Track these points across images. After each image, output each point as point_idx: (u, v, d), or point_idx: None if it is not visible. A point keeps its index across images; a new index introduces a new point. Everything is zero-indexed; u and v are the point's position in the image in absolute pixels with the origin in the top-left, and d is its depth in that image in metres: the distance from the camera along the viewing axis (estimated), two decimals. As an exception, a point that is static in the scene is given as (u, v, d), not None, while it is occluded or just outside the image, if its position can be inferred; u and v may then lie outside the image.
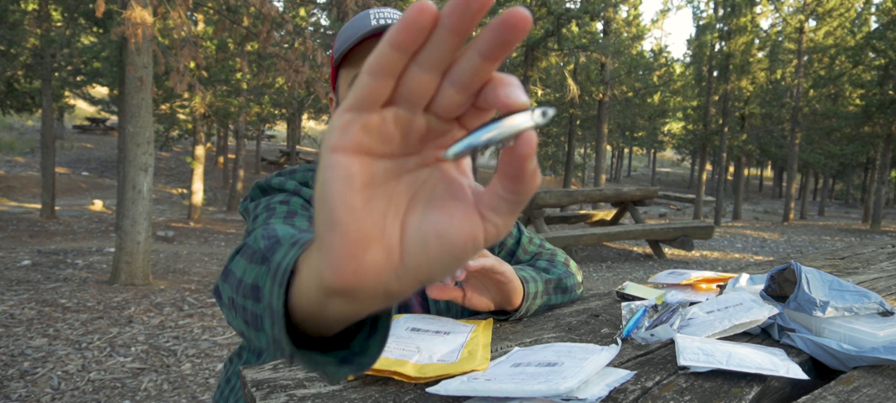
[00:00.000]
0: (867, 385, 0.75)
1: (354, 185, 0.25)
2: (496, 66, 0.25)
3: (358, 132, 0.25)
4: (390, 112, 0.26)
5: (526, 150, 0.25)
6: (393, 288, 0.28)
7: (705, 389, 0.72)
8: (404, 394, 0.71)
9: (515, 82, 0.25)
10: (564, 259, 1.14)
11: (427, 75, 0.25)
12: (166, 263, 6.38)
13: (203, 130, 12.80)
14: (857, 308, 0.92)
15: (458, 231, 0.27)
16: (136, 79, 4.85)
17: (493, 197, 0.27)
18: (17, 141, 21.73)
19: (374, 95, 0.25)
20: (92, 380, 3.00)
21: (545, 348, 0.82)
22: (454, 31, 0.23)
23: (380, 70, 0.24)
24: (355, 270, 0.26)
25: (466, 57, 0.24)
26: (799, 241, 10.96)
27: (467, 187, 0.29)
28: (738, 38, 15.50)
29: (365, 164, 0.26)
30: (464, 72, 0.25)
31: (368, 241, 0.26)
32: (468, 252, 0.27)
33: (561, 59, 14.17)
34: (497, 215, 0.27)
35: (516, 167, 0.25)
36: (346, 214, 0.25)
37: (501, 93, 0.25)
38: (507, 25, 0.23)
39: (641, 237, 7.53)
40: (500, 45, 0.23)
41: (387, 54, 0.24)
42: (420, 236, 0.27)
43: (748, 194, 29.36)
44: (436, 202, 0.28)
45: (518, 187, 0.26)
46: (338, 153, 0.25)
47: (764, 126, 18.74)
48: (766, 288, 1.04)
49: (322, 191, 0.26)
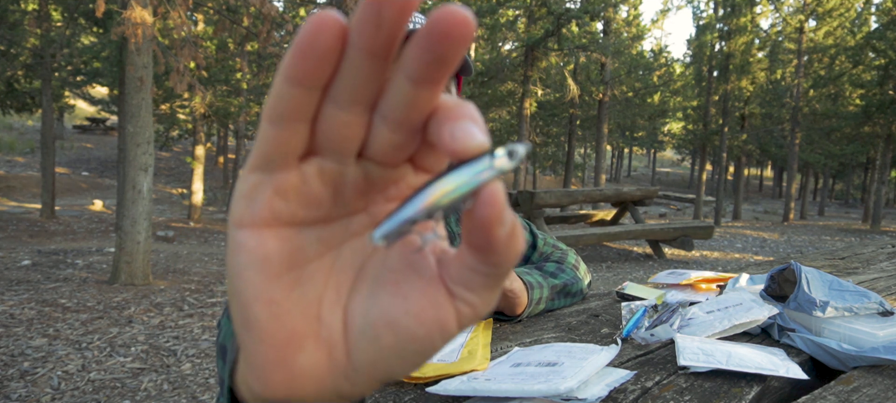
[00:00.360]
0: (867, 385, 0.75)
1: (271, 270, 0.20)
2: (436, 92, 0.18)
3: (270, 199, 0.19)
4: (312, 165, 0.20)
5: (488, 213, 0.18)
6: (344, 390, 0.22)
7: (705, 389, 0.72)
8: (404, 394, 0.71)
9: (468, 113, 0.18)
10: (574, 261, 1.13)
11: (347, 114, 0.19)
12: (166, 263, 6.38)
13: (203, 130, 12.81)
14: (857, 308, 0.92)
15: (416, 318, 0.20)
16: (136, 79, 4.86)
17: (463, 270, 0.20)
18: (17, 141, 21.73)
19: (282, 148, 0.19)
20: (92, 380, 3.00)
21: (545, 348, 0.82)
22: (368, 51, 0.17)
23: (282, 115, 0.18)
24: (286, 379, 0.20)
25: (394, 84, 0.18)
26: (799, 241, 10.96)
27: (431, 254, 0.22)
28: (738, 37, 15.50)
29: (284, 240, 0.20)
30: (394, 105, 0.18)
31: (299, 340, 0.20)
32: (434, 342, 0.21)
33: (561, 58, 14.17)
34: (470, 292, 0.20)
35: (481, 237, 0.18)
36: (262, 310, 0.20)
37: (445, 134, 0.18)
38: (435, 35, 0.17)
39: (641, 237, 7.53)
40: (432, 63, 0.17)
41: (286, 93, 0.18)
42: (368, 326, 0.21)
43: (748, 194, 29.35)
44: (387, 279, 0.21)
45: (490, 259, 0.19)
46: (245, 229, 0.19)
47: (764, 126, 18.74)
48: (766, 288, 1.04)
49: (231, 283, 0.20)
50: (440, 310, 0.20)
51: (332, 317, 0.21)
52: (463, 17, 0.16)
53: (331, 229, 0.21)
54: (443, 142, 0.18)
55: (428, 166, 0.22)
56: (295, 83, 0.18)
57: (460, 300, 0.20)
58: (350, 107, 0.18)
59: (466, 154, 0.18)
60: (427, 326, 0.20)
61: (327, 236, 0.21)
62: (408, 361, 0.21)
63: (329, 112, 0.19)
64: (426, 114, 0.19)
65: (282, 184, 0.19)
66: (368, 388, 0.22)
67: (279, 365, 0.20)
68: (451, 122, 0.18)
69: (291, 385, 0.20)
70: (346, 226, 0.22)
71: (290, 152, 0.19)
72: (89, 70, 12.69)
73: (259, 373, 0.20)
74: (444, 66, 0.17)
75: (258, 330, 0.20)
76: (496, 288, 0.21)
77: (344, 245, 0.22)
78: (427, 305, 0.20)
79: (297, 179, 0.20)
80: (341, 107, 0.18)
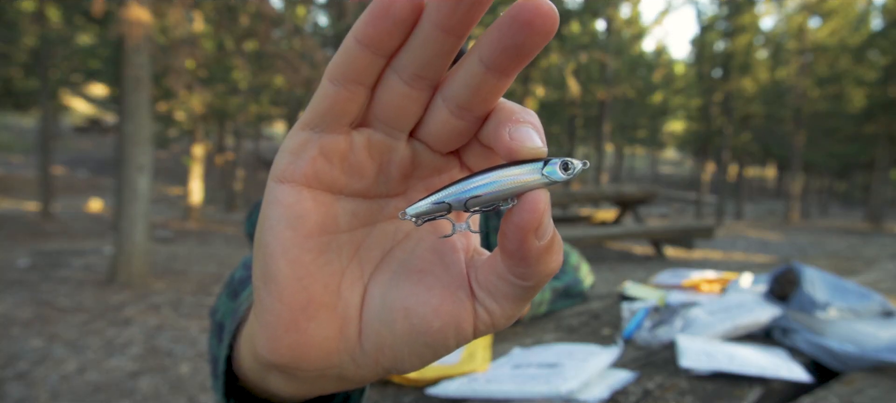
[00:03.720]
0: (869, 386, 0.74)
1: (302, 230, 0.19)
2: (506, 81, 0.18)
3: (314, 158, 0.19)
4: (362, 135, 0.20)
5: (527, 219, 0.17)
6: (348, 372, 0.21)
7: (707, 390, 0.71)
8: (404, 395, 0.70)
9: (530, 118, 0.18)
10: (577, 262, 1.13)
11: (408, 87, 0.18)
12: (164, 264, 6.37)
13: (201, 129, 12.81)
14: (860, 308, 0.91)
15: (434, 310, 0.20)
16: (134, 79, 4.85)
17: (492, 275, 0.20)
18: (14, 140, 21.74)
19: (337, 109, 0.19)
20: (89, 382, 2.99)
21: (546, 349, 0.81)
22: (443, 27, 0.17)
23: (346, 74, 0.18)
24: (294, 344, 0.20)
25: (465, 65, 0.18)
26: (801, 242, 10.95)
27: (462, 252, 0.22)
28: (741, 36, 15.52)
29: (321, 203, 0.20)
30: (461, 87, 0.18)
31: (315, 308, 0.20)
32: (448, 341, 0.20)
33: (562, 58, 14.17)
34: (493, 300, 0.20)
35: (515, 242, 0.18)
36: (286, 268, 0.19)
37: (504, 133, 0.18)
38: (519, 22, 0.16)
39: (643, 237, 7.53)
40: (510, 50, 0.17)
41: (354, 53, 0.18)
42: (384, 310, 0.20)
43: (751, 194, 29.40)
44: (413, 267, 0.21)
45: (520, 269, 0.18)
46: (285, 184, 0.19)
47: (766, 125, 18.75)
48: (769, 288, 1.03)
49: (260, 235, 0.20)
50: (459, 309, 0.20)
51: (351, 293, 0.21)
52: (549, 9, 0.16)
53: (367, 205, 0.21)
54: (500, 141, 0.18)
55: (475, 167, 0.22)
56: (365, 45, 0.17)
57: (481, 304, 0.20)
58: (413, 81, 0.18)
59: (521, 155, 0.17)
60: (443, 320, 0.20)
61: (363, 211, 0.21)
62: (416, 354, 0.21)
63: (391, 82, 0.19)
64: (490, 104, 0.19)
65: (329, 146, 0.19)
66: (372, 375, 0.22)
67: (290, 329, 0.20)
68: (511, 123, 0.18)
69: (297, 352, 0.20)
70: (382, 207, 0.22)
71: (344, 114, 0.19)
72: (87, 69, 12.69)
73: (269, 333, 0.20)
74: (520, 55, 0.17)
75: (277, 287, 0.19)
76: (520, 302, 0.20)
77: (376, 225, 0.22)
78: (447, 300, 0.20)
79: (344, 144, 0.19)
80: (404, 79, 0.18)
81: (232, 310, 0.37)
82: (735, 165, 21.07)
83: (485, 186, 0.18)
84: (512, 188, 0.18)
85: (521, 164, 0.18)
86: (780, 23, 17.59)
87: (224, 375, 0.29)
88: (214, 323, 0.45)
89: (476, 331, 0.20)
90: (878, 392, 0.73)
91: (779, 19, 17.60)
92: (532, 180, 0.17)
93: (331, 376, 0.21)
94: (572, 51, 13.47)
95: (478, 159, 0.21)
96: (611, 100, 15.89)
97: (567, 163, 0.18)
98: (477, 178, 0.18)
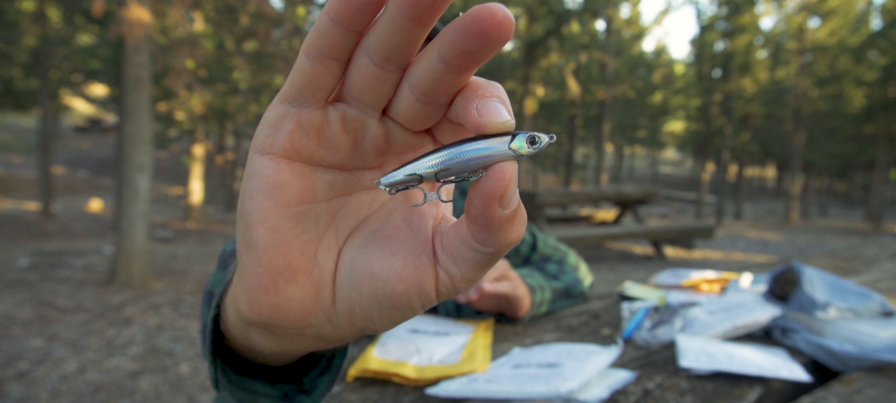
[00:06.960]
0: (869, 386, 0.75)
1: (280, 199, 0.20)
2: (464, 77, 0.19)
3: (292, 131, 0.20)
4: (337, 110, 0.21)
5: (492, 187, 0.18)
6: (325, 331, 0.23)
7: (707, 390, 0.72)
8: (404, 396, 0.70)
9: (496, 92, 0.19)
10: (575, 262, 1.13)
11: (378, 69, 0.19)
12: (164, 263, 6.37)
13: (201, 129, 12.80)
14: (860, 308, 0.91)
15: (397, 275, 0.21)
16: (134, 79, 4.85)
17: (456, 240, 0.21)
18: (14, 140, 21.73)
19: (314, 83, 0.19)
20: (90, 382, 2.99)
21: (546, 349, 0.81)
22: (406, 15, 0.17)
23: (320, 50, 0.19)
24: (272, 305, 0.21)
25: (426, 57, 0.19)
26: (801, 242, 10.95)
27: (431, 219, 0.23)
28: (741, 36, 15.51)
29: (299, 174, 0.21)
30: (423, 78, 0.19)
31: (292, 272, 0.21)
32: (412, 303, 0.21)
33: (562, 58, 14.17)
34: (455, 264, 0.21)
35: (480, 209, 0.19)
36: (265, 235, 0.20)
37: (472, 109, 0.18)
38: (473, 29, 0.17)
39: (643, 237, 7.53)
40: (464, 53, 0.17)
41: (327, 29, 0.18)
42: (353, 274, 0.22)
43: (750, 194, 29.38)
44: (382, 233, 0.22)
45: (483, 235, 0.19)
46: (265, 156, 0.20)
47: (766, 125, 18.75)
48: (768, 288, 1.03)
49: (242, 203, 0.21)
50: (421, 272, 0.21)
51: (326, 259, 0.22)
52: (503, 18, 0.16)
53: (344, 177, 0.22)
54: (468, 117, 0.18)
55: (444, 140, 0.22)
56: (339, 22, 0.18)
57: (443, 268, 0.21)
58: (382, 64, 0.19)
59: (489, 129, 0.18)
60: (406, 284, 0.21)
61: (340, 183, 0.22)
62: (386, 315, 0.22)
63: (361, 63, 0.19)
64: (452, 94, 0.19)
65: (306, 120, 0.20)
66: (348, 334, 0.23)
67: (269, 291, 0.21)
68: (478, 99, 0.19)
69: (276, 312, 0.22)
70: (358, 178, 0.23)
71: (320, 88, 0.20)
72: (87, 69, 12.68)
73: (250, 294, 0.22)
74: (474, 59, 0.18)
75: (257, 253, 0.21)
76: (481, 268, 0.21)
77: (353, 195, 0.23)
78: (410, 265, 0.21)
79: (320, 118, 0.20)
80: (374, 61, 0.19)
81: (220, 279, 0.39)
82: (735, 165, 21.04)
83: (454, 157, 0.19)
84: (480, 160, 0.18)
85: (490, 138, 0.18)
86: (779, 23, 17.57)
87: (212, 333, 0.30)
88: (205, 293, 0.46)
89: (438, 294, 0.21)
90: (877, 392, 0.73)
91: (778, 19, 17.58)
92: (499, 153, 0.18)
93: (309, 335, 0.23)
94: (572, 51, 13.46)
95: (450, 136, 0.22)
96: (611, 100, 15.88)
97: (534, 138, 0.18)
98: (447, 150, 0.19)
